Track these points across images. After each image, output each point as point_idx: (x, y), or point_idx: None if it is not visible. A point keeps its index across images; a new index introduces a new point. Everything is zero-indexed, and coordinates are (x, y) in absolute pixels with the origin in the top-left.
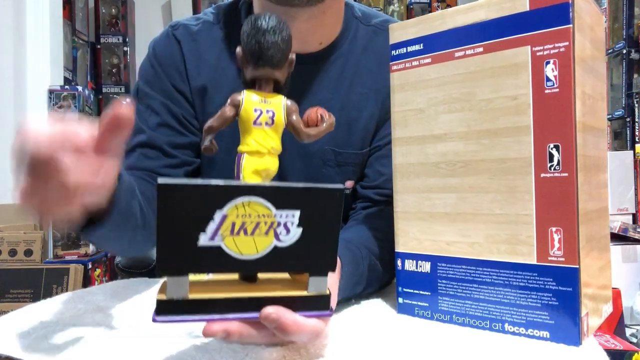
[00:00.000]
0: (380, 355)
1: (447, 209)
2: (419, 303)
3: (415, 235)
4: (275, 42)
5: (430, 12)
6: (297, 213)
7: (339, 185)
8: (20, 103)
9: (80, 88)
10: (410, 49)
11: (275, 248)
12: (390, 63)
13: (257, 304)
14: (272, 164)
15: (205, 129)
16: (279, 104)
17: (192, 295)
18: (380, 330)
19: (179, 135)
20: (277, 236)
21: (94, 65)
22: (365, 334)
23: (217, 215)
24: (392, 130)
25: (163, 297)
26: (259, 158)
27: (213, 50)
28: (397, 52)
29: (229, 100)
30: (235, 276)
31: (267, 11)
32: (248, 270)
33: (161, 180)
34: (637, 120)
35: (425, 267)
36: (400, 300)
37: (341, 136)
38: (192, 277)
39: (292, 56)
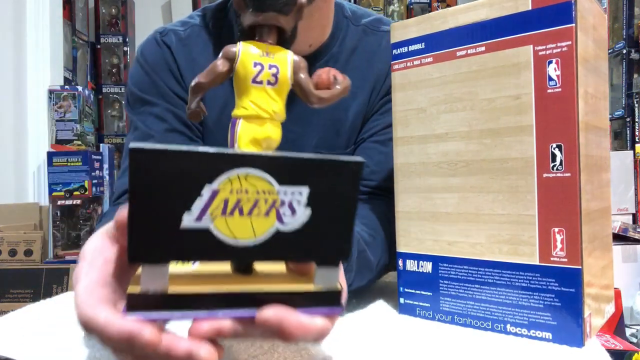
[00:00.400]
0: (381, 356)
1: (448, 209)
2: (421, 303)
3: (417, 235)
4: None
5: (430, 12)
6: (306, 190)
7: (358, 158)
8: (20, 103)
9: (80, 88)
10: (411, 48)
11: (278, 232)
12: (392, 62)
13: (253, 300)
14: (275, 132)
15: (191, 87)
16: (284, 58)
17: (173, 289)
18: (381, 330)
19: (190, 140)
20: (280, 218)
21: (94, 65)
22: (367, 335)
23: (206, 191)
24: (393, 129)
25: (136, 289)
26: (258, 125)
27: (205, 53)
28: (399, 51)
29: (221, 53)
30: (226, 266)
31: None
32: (243, 259)
33: (134, 144)
34: (637, 120)
35: (427, 267)
36: (402, 300)
37: (330, 137)
38: (174, 266)
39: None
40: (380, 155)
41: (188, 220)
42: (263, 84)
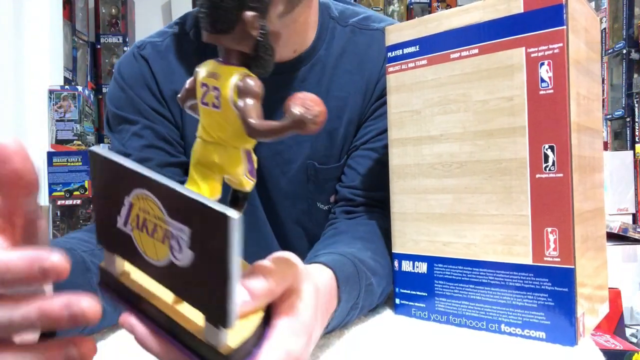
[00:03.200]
0: (377, 356)
1: (443, 209)
2: (416, 304)
3: (412, 236)
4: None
5: (430, 12)
6: (187, 231)
7: (232, 212)
8: (20, 103)
9: (80, 88)
10: (406, 50)
11: (172, 264)
12: (387, 65)
13: (168, 321)
14: (220, 157)
15: (177, 99)
16: (227, 81)
17: (122, 278)
18: (377, 330)
19: (169, 155)
20: (171, 250)
21: (94, 65)
22: (362, 335)
23: (126, 201)
24: (388, 131)
25: (103, 264)
26: (203, 148)
27: (186, 61)
28: (394, 54)
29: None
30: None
31: None
32: (153, 277)
33: (94, 148)
34: (637, 120)
35: (422, 267)
36: (397, 301)
37: (323, 147)
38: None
39: (248, 15)
40: (374, 163)
41: (120, 223)
42: (209, 105)
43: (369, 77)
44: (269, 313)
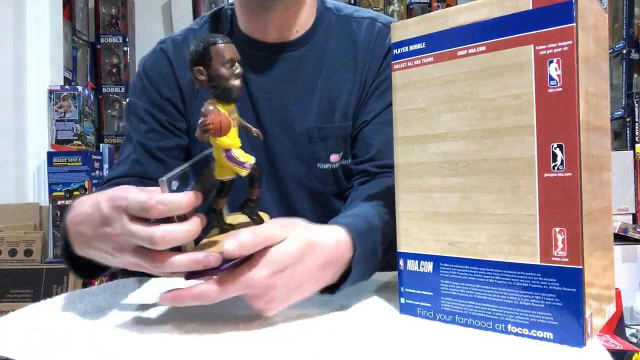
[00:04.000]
0: (382, 356)
1: (449, 208)
2: (422, 303)
3: (418, 235)
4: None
5: (430, 12)
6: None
7: (164, 177)
8: (20, 103)
9: (80, 88)
10: (412, 47)
11: None
12: (392, 62)
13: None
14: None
15: None
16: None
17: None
18: (382, 330)
19: (165, 138)
20: None
21: (94, 65)
22: (367, 334)
23: None
24: (394, 129)
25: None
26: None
27: None
28: (399, 51)
29: None
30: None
31: (246, 4)
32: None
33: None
34: (637, 120)
35: (428, 267)
36: (403, 300)
37: (325, 112)
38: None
39: (194, 69)
40: (385, 135)
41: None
42: None
43: (364, 55)
44: None
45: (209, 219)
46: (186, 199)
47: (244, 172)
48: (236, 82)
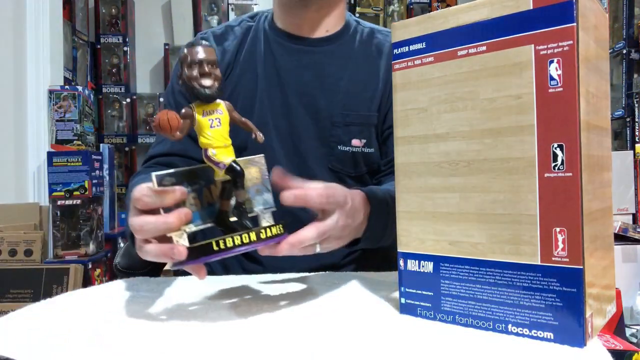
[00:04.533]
0: (382, 356)
1: (449, 208)
2: (422, 303)
3: (418, 235)
4: None
5: (430, 12)
6: None
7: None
8: (20, 103)
9: (80, 88)
10: (412, 47)
11: None
12: (393, 62)
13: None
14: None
15: None
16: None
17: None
18: (382, 330)
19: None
20: None
21: (94, 65)
22: (368, 334)
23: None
24: (394, 129)
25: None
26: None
27: (233, 42)
28: (400, 51)
29: None
30: None
31: (284, 1)
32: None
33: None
34: (637, 120)
35: (428, 267)
36: (403, 300)
37: (349, 101)
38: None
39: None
40: None
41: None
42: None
43: (387, 65)
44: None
45: (217, 221)
46: (170, 193)
47: (219, 172)
48: (204, 82)
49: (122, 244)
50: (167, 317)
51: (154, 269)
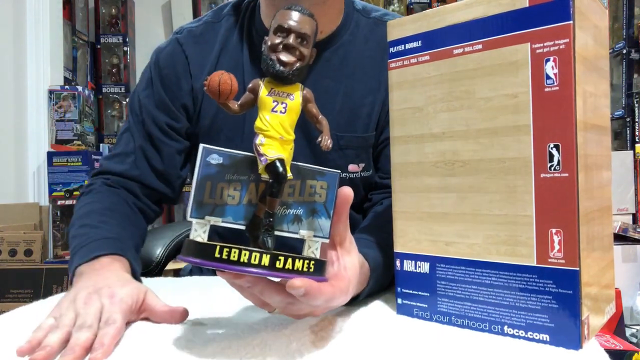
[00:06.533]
0: (379, 357)
1: (446, 209)
2: (418, 304)
3: (414, 235)
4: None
5: None
6: None
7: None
8: (20, 103)
9: (80, 88)
10: (408, 46)
11: None
12: (388, 60)
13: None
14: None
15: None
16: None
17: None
18: (379, 331)
19: (164, 145)
20: None
21: (94, 65)
22: (364, 335)
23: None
24: (390, 129)
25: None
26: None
27: (214, 47)
28: (395, 49)
29: None
30: None
31: (270, 2)
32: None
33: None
34: (637, 120)
35: (424, 267)
36: (399, 301)
37: (344, 121)
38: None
39: None
40: None
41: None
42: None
43: None
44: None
45: (248, 226)
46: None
47: (259, 165)
48: (283, 56)
49: None
50: None
51: (155, 269)
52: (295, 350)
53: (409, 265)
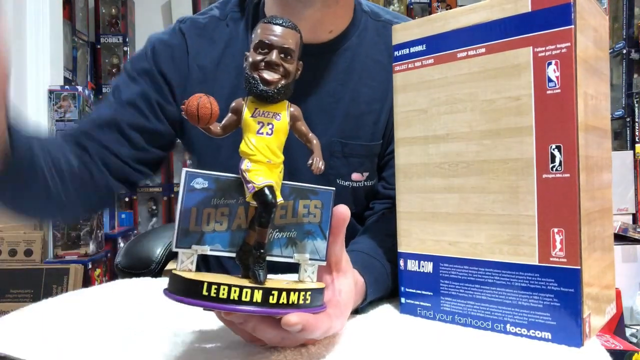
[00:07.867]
0: (382, 355)
1: (449, 209)
2: (422, 303)
3: (418, 235)
4: None
5: (430, 12)
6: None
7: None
8: (21, 103)
9: (80, 88)
10: (413, 49)
11: None
12: (393, 64)
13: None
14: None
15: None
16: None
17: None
18: (382, 330)
19: (143, 118)
20: None
21: (94, 65)
22: (368, 334)
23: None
24: (394, 130)
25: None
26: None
27: (217, 46)
28: (400, 53)
29: None
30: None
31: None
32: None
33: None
34: (637, 120)
35: (428, 267)
36: (403, 300)
37: (350, 128)
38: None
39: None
40: None
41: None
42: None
43: None
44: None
45: (238, 254)
46: None
47: (246, 193)
48: (266, 74)
49: (122, 244)
50: (167, 317)
51: (155, 269)
52: (299, 349)
53: (412, 265)
